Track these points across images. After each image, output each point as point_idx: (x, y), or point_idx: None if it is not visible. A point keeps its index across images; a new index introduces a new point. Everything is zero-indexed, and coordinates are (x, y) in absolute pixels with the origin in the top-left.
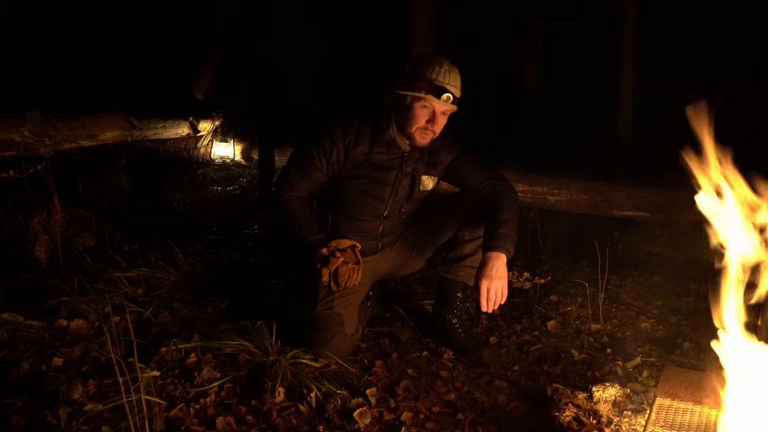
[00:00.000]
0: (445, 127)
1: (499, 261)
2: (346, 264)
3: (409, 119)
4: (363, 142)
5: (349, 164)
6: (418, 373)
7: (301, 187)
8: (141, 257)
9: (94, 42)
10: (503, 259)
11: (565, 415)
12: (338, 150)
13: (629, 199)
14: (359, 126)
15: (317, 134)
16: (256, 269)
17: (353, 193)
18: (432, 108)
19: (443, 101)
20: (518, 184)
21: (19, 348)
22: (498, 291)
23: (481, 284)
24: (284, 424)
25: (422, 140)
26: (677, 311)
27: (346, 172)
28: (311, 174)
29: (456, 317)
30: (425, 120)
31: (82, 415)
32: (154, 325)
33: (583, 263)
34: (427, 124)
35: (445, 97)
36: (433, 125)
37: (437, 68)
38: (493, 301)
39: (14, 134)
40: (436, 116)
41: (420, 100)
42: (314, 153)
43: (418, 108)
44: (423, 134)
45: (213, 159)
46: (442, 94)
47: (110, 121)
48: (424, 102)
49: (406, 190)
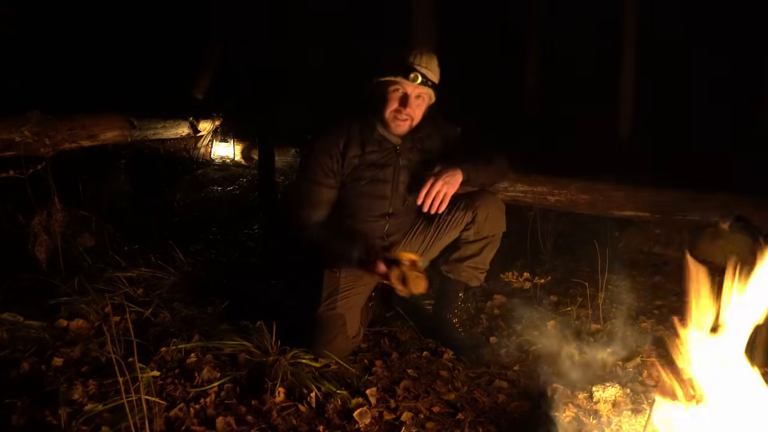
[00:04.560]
0: (434, 114)
1: (457, 175)
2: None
3: (382, 104)
4: (355, 145)
5: (346, 169)
6: (418, 373)
7: (318, 215)
8: (141, 257)
9: (95, 42)
10: (460, 176)
11: (565, 415)
12: (337, 157)
13: (629, 199)
14: (349, 128)
15: (312, 151)
16: (256, 269)
17: (355, 197)
18: (404, 91)
19: (411, 80)
20: (518, 184)
21: (19, 348)
22: (440, 195)
23: (429, 179)
24: (284, 424)
25: (397, 127)
26: (677, 311)
27: (345, 178)
28: (324, 196)
29: (456, 317)
30: (397, 103)
31: (82, 415)
32: (154, 325)
33: (583, 263)
34: (399, 107)
35: (413, 76)
36: (405, 108)
37: (408, 51)
38: (431, 199)
39: (14, 134)
40: (409, 99)
41: (391, 83)
42: (319, 174)
43: (390, 92)
44: (396, 118)
45: (213, 159)
46: (410, 73)
47: (110, 121)
48: (395, 85)
49: (405, 183)
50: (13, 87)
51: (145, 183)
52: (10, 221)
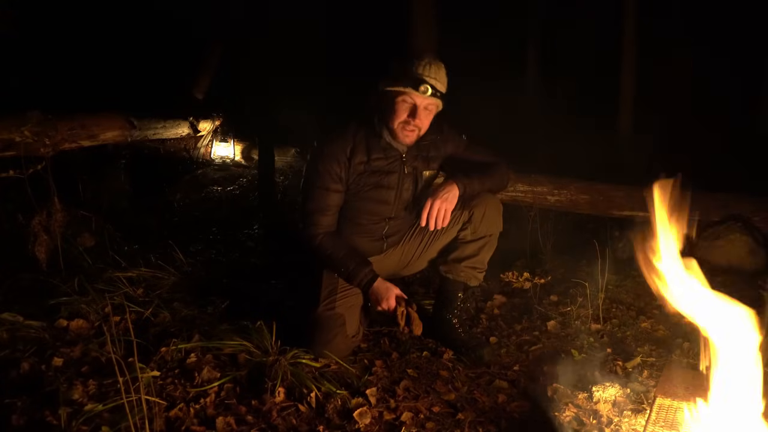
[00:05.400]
0: (440, 121)
1: (453, 190)
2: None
3: (390, 114)
4: (361, 152)
5: (351, 176)
6: (418, 373)
7: (327, 222)
8: (141, 257)
9: (94, 42)
10: (456, 190)
11: (565, 415)
12: (344, 164)
13: (629, 199)
14: (354, 134)
15: (319, 157)
16: (256, 269)
17: (359, 202)
18: (412, 102)
19: (421, 93)
20: (518, 184)
21: (19, 348)
22: (441, 212)
23: (427, 201)
24: (284, 424)
25: (405, 138)
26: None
27: (350, 184)
28: (331, 201)
29: (456, 317)
30: (406, 114)
31: (82, 415)
32: (154, 325)
33: (583, 263)
34: (408, 119)
35: (423, 88)
36: (414, 120)
37: (416, 61)
38: (434, 219)
39: (14, 134)
40: (418, 111)
41: (400, 94)
42: (327, 180)
43: (399, 103)
44: (405, 130)
45: (213, 159)
46: (420, 85)
47: (110, 121)
48: (404, 96)
49: (410, 190)
50: (13, 87)
51: (145, 183)
52: (10, 221)
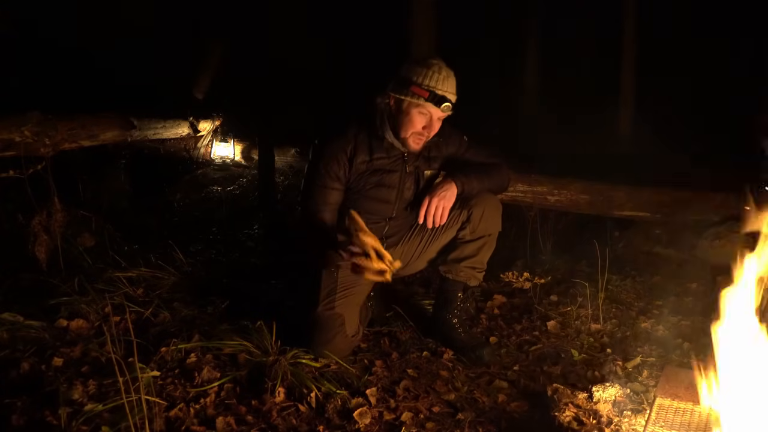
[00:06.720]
0: (442, 121)
1: (451, 188)
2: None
3: (405, 124)
4: (363, 151)
5: (353, 175)
6: (418, 373)
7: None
8: (141, 257)
9: (94, 42)
10: (454, 188)
11: (565, 415)
12: (344, 163)
13: (629, 199)
14: (357, 133)
15: (320, 156)
16: (256, 269)
17: (360, 200)
18: (429, 115)
19: (443, 110)
20: (518, 184)
21: (19, 348)
22: (439, 210)
23: (425, 198)
24: (284, 424)
25: (415, 145)
26: (677, 311)
27: (351, 182)
28: (331, 198)
29: (456, 317)
30: (422, 126)
31: (82, 415)
32: (154, 325)
33: (583, 263)
34: (423, 130)
35: (445, 107)
36: (428, 130)
37: (435, 75)
38: (431, 217)
39: (14, 134)
40: (432, 122)
41: (418, 106)
42: (327, 179)
43: (415, 114)
44: (417, 139)
45: (213, 159)
46: (443, 104)
47: (110, 121)
48: (422, 109)
49: (411, 189)
50: (13, 87)
51: (145, 183)
52: (10, 221)
